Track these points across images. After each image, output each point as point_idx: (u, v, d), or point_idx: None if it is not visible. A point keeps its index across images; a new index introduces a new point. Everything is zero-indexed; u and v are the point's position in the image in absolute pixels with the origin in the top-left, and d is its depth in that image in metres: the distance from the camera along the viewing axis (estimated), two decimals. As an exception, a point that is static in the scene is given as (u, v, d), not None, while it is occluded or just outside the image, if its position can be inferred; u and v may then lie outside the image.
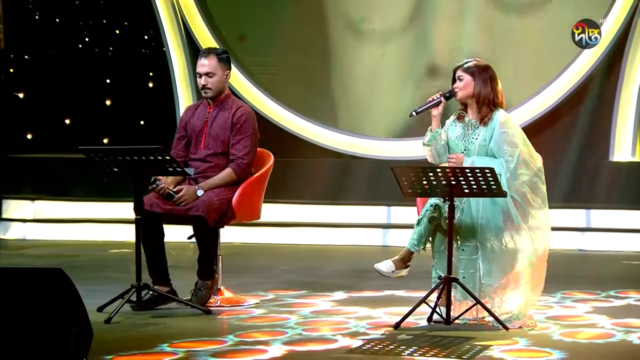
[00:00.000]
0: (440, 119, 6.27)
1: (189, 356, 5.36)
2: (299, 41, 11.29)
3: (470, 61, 6.26)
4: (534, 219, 6.07)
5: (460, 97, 6.23)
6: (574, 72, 10.40)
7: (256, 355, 5.40)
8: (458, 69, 6.25)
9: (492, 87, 6.19)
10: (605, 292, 7.21)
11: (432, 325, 6.02)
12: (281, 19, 11.41)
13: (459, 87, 6.21)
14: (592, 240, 9.85)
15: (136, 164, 6.32)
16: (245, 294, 7.01)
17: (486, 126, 6.15)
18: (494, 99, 6.18)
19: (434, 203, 6.06)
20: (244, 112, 6.83)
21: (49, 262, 8.94)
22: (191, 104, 7.16)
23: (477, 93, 6.18)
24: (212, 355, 5.38)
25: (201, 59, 6.84)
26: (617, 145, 10.33)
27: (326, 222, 10.49)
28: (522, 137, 6.14)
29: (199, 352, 5.43)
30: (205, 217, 6.51)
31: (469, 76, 6.20)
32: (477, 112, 6.20)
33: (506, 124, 6.12)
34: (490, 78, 6.20)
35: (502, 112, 6.18)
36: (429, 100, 6.29)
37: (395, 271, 6.10)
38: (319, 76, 11.26)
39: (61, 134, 11.97)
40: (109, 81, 12.19)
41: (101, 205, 10.95)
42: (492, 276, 6.04)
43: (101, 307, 6.40)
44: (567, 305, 6.75)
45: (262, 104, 11.21)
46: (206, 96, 6.84)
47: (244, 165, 6.77)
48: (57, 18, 12.14)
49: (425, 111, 6.29)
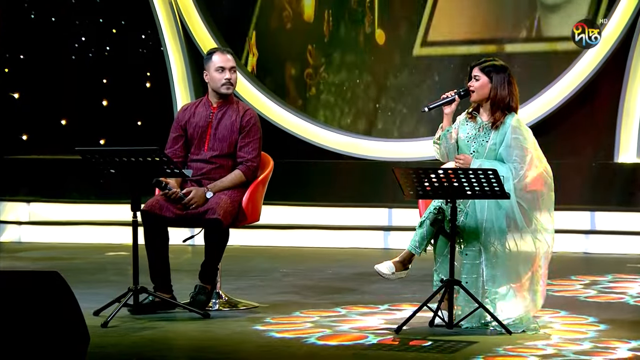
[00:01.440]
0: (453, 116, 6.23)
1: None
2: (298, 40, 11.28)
3: (489, 60, 6.20)
4: (539, 222, 6.06)
5: (475, 99, 6.16)
6: (578, 72, 10.39)
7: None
8: (475, 67, 6.18)
9: (509, 91, 6.12)
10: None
11: (433, 329, 6.01)
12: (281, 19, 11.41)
13: (475, 88, 6.14)
14: (597, 243, 9.83)
15: (133, 165, 6.31)
16: (244, 298, 6.99)
17: (497, 130, 6.10)
18: (509, 103, 6.12)
19: (437, 206, 6.05)
20: (252, 115, 6.87)
21: (45, 265, 8.93)
22: (188, 103, 7.13)
23: (494, 96, 6.11)
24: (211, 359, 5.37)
25: (225, 55, 6.85)
26: (622, 146, 10.32)
27: (326, 225, 10.48)
28: (533, 142, 6.11)
29: (198, 357, 5.42)
30: (222, 220, 6.51)
31: (486, 77, 6.13)
32: (490, 115, 6.15)
33: (519, 129, 6.07)
34: (508, 81, 6.14)
35: (515, 117, 6.13)
36: (443, 97, 6.21)
37: (396, 273, 6.09)
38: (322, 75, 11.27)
39: (57, 135, 11.95)
40: (106, 81, 12.15)
41: (98, 207, 10.93)
42: (495, 281, 6.03)
43: (98, 310, 6.38)
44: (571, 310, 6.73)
45: (262, 105, 11.21)
46: (227, 92, 6.84)
47: (253, 167, 6.80)
48: (53, 17, 12.12)
49: (438, 108, 6.22)
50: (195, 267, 6.74)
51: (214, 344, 5.74)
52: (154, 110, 11.48)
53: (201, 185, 6.72)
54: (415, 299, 6.90)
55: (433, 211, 6.05)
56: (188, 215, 6.60)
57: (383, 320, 6.35)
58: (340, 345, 5.66)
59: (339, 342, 5.72)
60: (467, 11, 10.83)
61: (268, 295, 7.29)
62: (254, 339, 5.83)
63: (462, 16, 10.86)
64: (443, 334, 5.87)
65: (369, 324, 6.23)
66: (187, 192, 6.62)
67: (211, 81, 6.86)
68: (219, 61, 6.83)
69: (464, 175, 5.78)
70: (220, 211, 6.52)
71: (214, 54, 6.89)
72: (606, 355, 5.38)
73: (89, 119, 11.98)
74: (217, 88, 6.83)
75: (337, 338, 5.83)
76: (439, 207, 6.03)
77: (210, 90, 6.90)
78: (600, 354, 5.41)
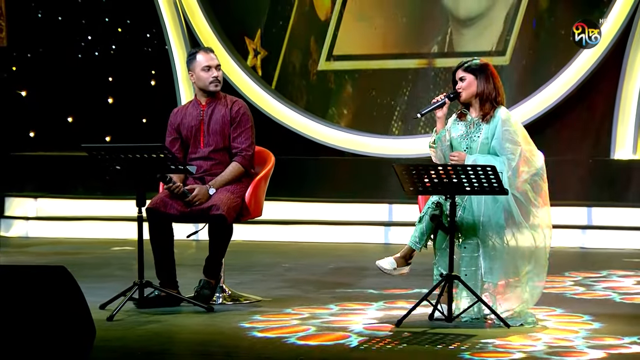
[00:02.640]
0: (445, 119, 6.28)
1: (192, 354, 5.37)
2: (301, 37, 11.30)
3: (468, 61, 6.27)
4: (536, 217, 6.07)
5: (464, 98, 6.22)
6: (575, 70, 10.40)
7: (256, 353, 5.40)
8: (457, 70, 6.25)
9: (494, 84, 6.20)
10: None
11: (433, 322, 6.02)
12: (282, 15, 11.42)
13: (463, 87, 6.20)
14: (594, 238, 9.85)
15: (138, 162, 6.32)
16: (247, 292, 7.00)
17: (488, 124, 6.15)
18: (496, 97, 6.19)
19: (435, 200, 6.07)
20: (241, 105, 6.89)
21: (52, 259, 8.95)
22: (177, 108, 7.12)
23: (481, 91, 6.18)
24: (215, 353, 5.38)
25: (209, 53, 6.86)
26: (618, 143, 10.33)
27: (328, 220, 10.49)
28: (523, 134, 6.15)
29: (202, 350, 5.43)
30: (226, 216, 6.53)
31: (471, 75, 6.20)
32: (479, 110, 6.21)
33: (508, 122, 6.13)
34: (492, 75, 6.21)
35: (503, 110, 6.19)
36: (433, 101, 6.29)
37: (397, 268, 6.10)
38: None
39: (64, 132, 11.97)
40: (112, 79, 12.18)
41: (103, 202, 10.95)
42: (493, 274, 6.05)
43: (103, 304, 6.40)
44: (568, 303, 6.74)
45: (264, 101, 11.22)
46: (216, 89, 6.84)
47: (249, 156, 6.80)
48: (60, 16, 12.14)
49: (430, 113, 6.29)
50: (199, 262, 6.75)
51: (217, 338, 5.75)
52: (158, 107, 11.49)
53: (204, 182, 6.73)
54: (415, 294, 6.92)
55: (431, 206, 6.07)
56: (192, 211, 6.62)
57: (383, 314, 6.36)
58: (340, 339, 5.66)
59: (340, 336, 5.73)
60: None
61: (270, 289, 7.30)
62: (256, 334, 5.84)
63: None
64: (442, 327, 5.89)
65: (370, 318, 6.23)
66: (191, 189, 6.63)
67: (198, 81, 6.85)
68: (204, 60, 6.83)
69: (463, 171, 5.80)
70: (224, 207, 6.54)
71: (197, 53, 6.88)
72: (606, 350, 5.40)
73: (94, 117, 12.01)
74: (205, 87, 6.83)
75: (338, 332, 5.84)
76: (437, 201, 6.05)
77: (197, 90, 6.91)
78: (597, 348, 5.43)
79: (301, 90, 11.48)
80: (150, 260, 6.55)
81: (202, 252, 6.77)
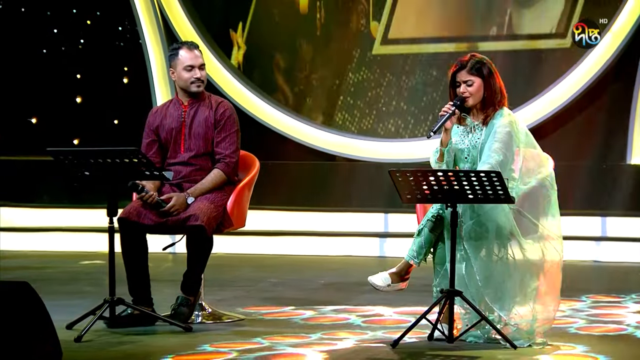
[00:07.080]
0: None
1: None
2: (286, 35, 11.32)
3: (470, 60, 6.19)
4: (544, 228, 6.07)
5: (472, 104, 6.14)
6: (585, 71, 10.44)
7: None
8: (459, 72, 6.17)
9: (499, 85, 6.16)
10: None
11: (433, 343, 6.02)
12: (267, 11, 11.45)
13: (472, 92, 6.13)
14: (608, 250, 9.86)
15: (110, 167, 6.32)
16: (228, 310, 7.00)
17: (487, 126, 6.12)
18: (501, 99, 6.15)
19: (435, 213, 6.05)
20: (227, 107, 6.86)
21: (14, 275, 8.94)
22: (157, 107, 7.10)
23: (489, 94, 6.11)
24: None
25: (193, 51, 6.83)
26: (635, 146, 10.35)
27: (318, 231, 10.51)
28: (526, 139, 6.11)
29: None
30: (205, 226, 6.52)
31: (479, 78, 6.13)
32: (482, 113, 6.15)
33: (510, 124, 6.06)
34: (496, 74, 6.17)
35: (506, 111, 6.14)
36: (441, 114, 6.11)
37: (392, 285, 6.07)
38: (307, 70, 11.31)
39: (27, 135, 11.96)
40: (80, 77, 12.18)
41: (71, 212, 10.95)
42: (498, 291, 6.04)
43: (71, 324, 6.39)
44: (581, 323, 6.74)
45: (248, 101, 11.24)
46: (198, 90, 6.83)
47: (233, 163, 6.79)
48: (23, 7, 12.14)
49: (442, 126, 6.15)
50: (176, 276, 6.75)
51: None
52: (131, 108, 11.51)
53: (182, 189, 6.72)
54: (413, 310, 6.92)
55: (431, 219, 6.06)
56: (168, 222, 6.60)
57: (378, 334, 6.36)
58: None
59: (331, 357, 5.73)
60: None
61: (254, 307, 7.30)
62: (238, 354, 5.84)
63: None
64: (443, 349, 5.89)
65: (363, 338, 6.23)
66: (167, 199, 6.61)
67: (179, 79, 6.84)
68: (187, 59, 6.81)
69: (465, 177, 5.78)
70: (204, 217, 6.53)
71: (180, 49, 6.85)
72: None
73: (61, 117, 12.01)
74: (186, 87, 6.83)
75: (328, 352, 5.84)
76: (437, 214, 6.03)
77: (178, 89, 6.90)
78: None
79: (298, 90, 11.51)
80: (122, 275, 6.55)
81: (180, 266, 6.77)
